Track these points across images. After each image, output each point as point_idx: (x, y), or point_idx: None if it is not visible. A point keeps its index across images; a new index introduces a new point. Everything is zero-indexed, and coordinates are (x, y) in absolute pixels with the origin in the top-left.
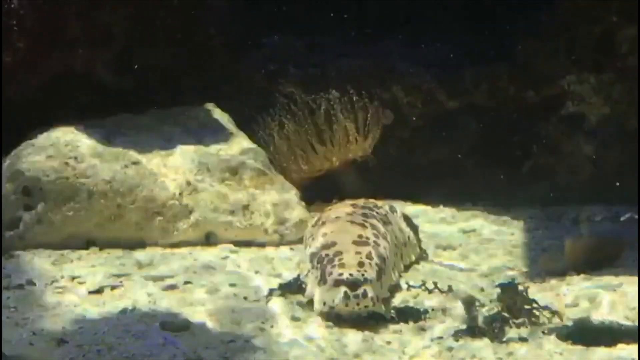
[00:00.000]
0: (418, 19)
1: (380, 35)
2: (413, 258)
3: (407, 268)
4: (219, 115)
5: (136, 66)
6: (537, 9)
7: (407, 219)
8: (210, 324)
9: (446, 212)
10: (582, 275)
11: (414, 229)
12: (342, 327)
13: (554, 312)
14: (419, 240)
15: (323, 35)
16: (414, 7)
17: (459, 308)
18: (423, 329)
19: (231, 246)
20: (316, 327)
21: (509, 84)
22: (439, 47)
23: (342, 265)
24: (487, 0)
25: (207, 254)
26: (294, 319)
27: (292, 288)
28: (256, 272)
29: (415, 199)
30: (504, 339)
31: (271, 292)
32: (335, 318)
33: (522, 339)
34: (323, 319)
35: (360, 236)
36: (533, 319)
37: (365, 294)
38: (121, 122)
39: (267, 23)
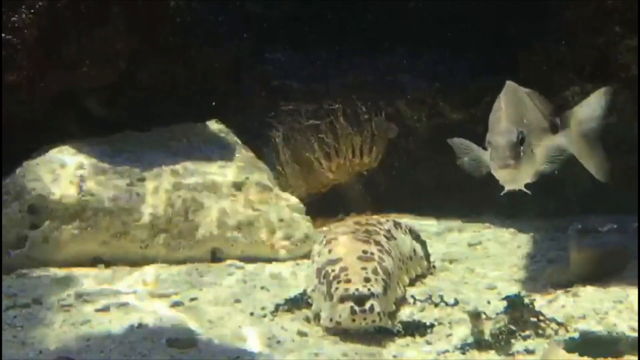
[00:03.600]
0: (421, 32)
1: (383, 48)
2: (419, 271)
3: (413, 282)
4: (223, 131)
5: (139, 83)
6: (540, 21)
7: (413, 233)
8: (216, 340)
9: (451, 224)
10: (588, 287)
11: (422, 243)
12: (348, 342)
13: (560, 324)
14: (427, 255)
15: (326, 50)
16: (416, 21)
17: (465, 321)
18: (429, 343)
19: (237, 262)
20: (322, 342)
21: None
22: (442, 60)
23: (348, 281)
24: (489, 12)
25: (213, 270)
26: (300, 334)
27: (298, 303)
28: (262, 288)
29: (420, 212)
30: (511, 352)
31: (277, 307)
32: (342, 333)
33: (529, 351)
34: (330, 334)
35: (365, 252)
36: (539, 331)
37: (372, 309)
38: (126, 139)
39: (270, 39)
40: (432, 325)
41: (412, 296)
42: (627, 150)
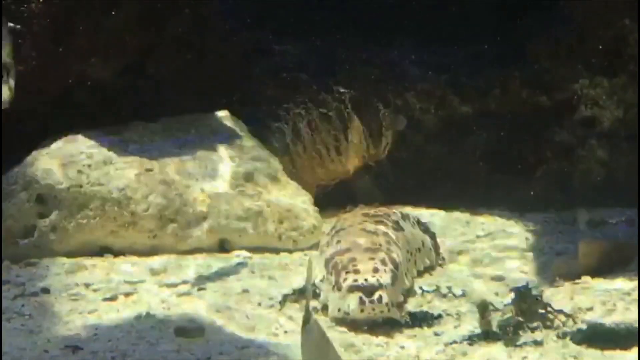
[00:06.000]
0: (429, 24)
1: (392, 40)
2: (428, 263)
3: (421, 273)
4: (231, 122)
5: (148, 74)
6: (549, 13)
7: (422, 225)
8: (224, 330)
9: (460, 217)
10: (596, 279)
11: (431, 235)
12: (356, 332)
13: (568, 316)
14: (435, 246)
15: (335, 42)
16: (425, 13)
17: (473, 312)
18: (437, 334)
19: (245, 252)
20: (330, 333)
21: (522, 88)
22: (451, 52)
23: (356, 272)
24: (498, 3)
25: (221, 261)
26: None
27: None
28: (270, 278)
29: (429, 204)
30: (518, 343)
31: (285, 297)
32: (349, 323)
33: (537, 343)
34: (337, 324)
35: (373, 243)
36: (547, 323)
37: (380, 300)
38: (134, 129)
39: (279, 30)
40: (439, 317)
41: (420, 287)
42: (636, 143)
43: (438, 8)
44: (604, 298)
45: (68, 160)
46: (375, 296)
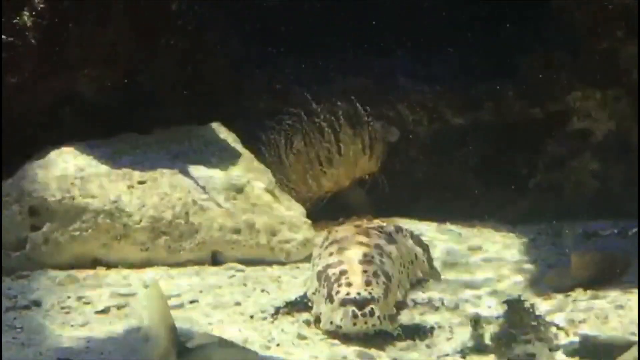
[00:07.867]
0: (423, 36)
1: (385, 52)
2: (420, 275)
3: (414, 285)
4: (224, 134)
5: (141, 86)
6: (542, 26)
7: (415, 238)
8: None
9: (453, 229)
10: (588, 291)
11: (424, 247)
12: (348, 345)
13: (560, 328)
14: (429, 259)
15: (328, 54)
16: (418, 25)
17: (465, 325)
18: (429, 346)
19: (237, 265)
20: (322, 345)
21: (515, 100)
22: (444, 64)
23: (349, 284)
24: (492, 16)
25: (213, 273)
26: (301, 337)
27: (298, 306)
28: (262, 291)
29: (422, 216)
30: (511, 356)
31: (278, 310)
32: (341, 336)
33: (529, 355)
34: (330, 337)
35: (365, 255)
36: (540, 335)
37: (372, 313)
38: (127, 141)
39: (271, 42)
40: (432, 329)
41: (413, 300)
42: (628, 155)
43: (431, 20)
44: (596, 310)
45: (60, 172)
46: (367, 309)
